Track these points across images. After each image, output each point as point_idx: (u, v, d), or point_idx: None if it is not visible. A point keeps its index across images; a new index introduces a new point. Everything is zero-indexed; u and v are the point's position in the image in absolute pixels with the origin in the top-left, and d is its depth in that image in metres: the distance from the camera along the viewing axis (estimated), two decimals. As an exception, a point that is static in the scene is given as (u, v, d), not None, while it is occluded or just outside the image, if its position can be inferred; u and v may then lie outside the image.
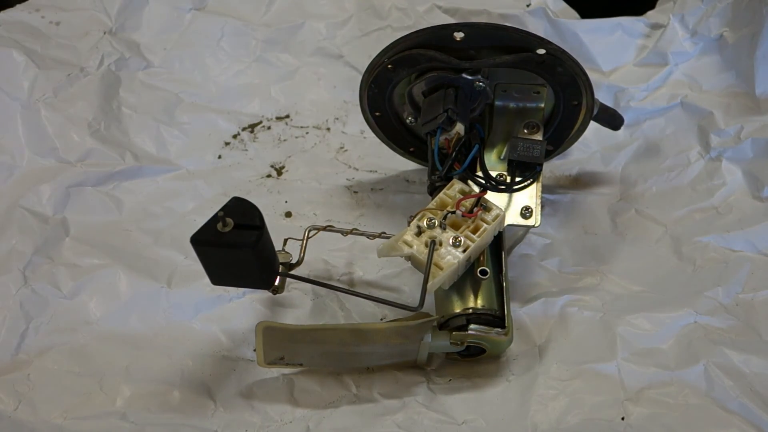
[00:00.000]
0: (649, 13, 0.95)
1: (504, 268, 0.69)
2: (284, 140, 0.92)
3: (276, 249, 0.71)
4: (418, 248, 0.64)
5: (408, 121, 0.77)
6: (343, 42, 0.97)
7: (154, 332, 0.73)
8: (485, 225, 0.65)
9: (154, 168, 0.86)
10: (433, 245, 0.63)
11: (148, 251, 0.79)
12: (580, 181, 0.86)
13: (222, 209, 0.60)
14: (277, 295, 0.71)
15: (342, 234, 0.73)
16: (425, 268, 0.63)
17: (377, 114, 0.78)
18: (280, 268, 0.66)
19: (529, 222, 0.70)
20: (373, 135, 0.81)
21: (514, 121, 0.74)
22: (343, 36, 0.98)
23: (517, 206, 0.71)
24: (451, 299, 0.67)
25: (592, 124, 0.78)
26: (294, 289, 0.76)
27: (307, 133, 0.93)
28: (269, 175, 0.88)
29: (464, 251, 0.64)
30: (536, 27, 0.92)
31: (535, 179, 0.71)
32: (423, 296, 0.63)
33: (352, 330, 0.65)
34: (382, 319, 0.74)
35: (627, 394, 0.64)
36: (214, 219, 0.60)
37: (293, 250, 0.72)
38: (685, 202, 0.80)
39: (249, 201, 0.61)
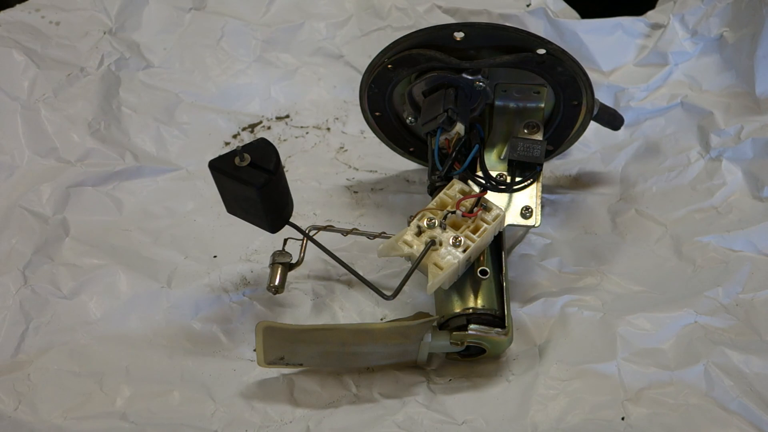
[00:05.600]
0: (649, 13, 0.95)
1: (504, 268, 0.69)
2: (284, 140, 0.92)
3: (276, 249, 0.72)
4: (418, 248, 0.64)
5: (408, 121, 0.77)
6: (343, 42, 0.97)
7: (154, 332, 0.73)
8: (485, 225, 0.65)
9: (154, 168, 0.86)
10: (430, 244, 0.63)
11: (148, 251, 0.79)
12: (580, 181, 0.86)
13: (245, 145, 0.63)
14: (277, 295, 0.71)
15: (342, 234, 0.74)
16: (415, 262, 0.63)
17: (377, 114, 0.78)
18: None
19: (529, 222, 0.71)
20: (373, 135, 0.81)
21: (514, 121, 0.74)
22: (343, 36, 0.98)
23: (517, 206, 0.71)
24: (451, 299, 0.67)
25: (592, 124, 0.78)
26: (294, 289, 0.76)
27: (307, 133, 0.93)
28: (269, 175, 0.88)
29: (464, 251, 0.64)
30: (536, 27, 0.92)
31: (535, 179, 0.71)
32: (400, 286, 0.64)
33: (352, 330, 0.65)
34: (382, 319, 0.74)
35: (627, 394, 0.64)
36: (234, 152, 0.62)
37: (293, 250, 0.72)
38: (685, 202, 0.80)
39: (273, 145, 0.63)
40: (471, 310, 0.66)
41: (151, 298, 0.75)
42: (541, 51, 0.68)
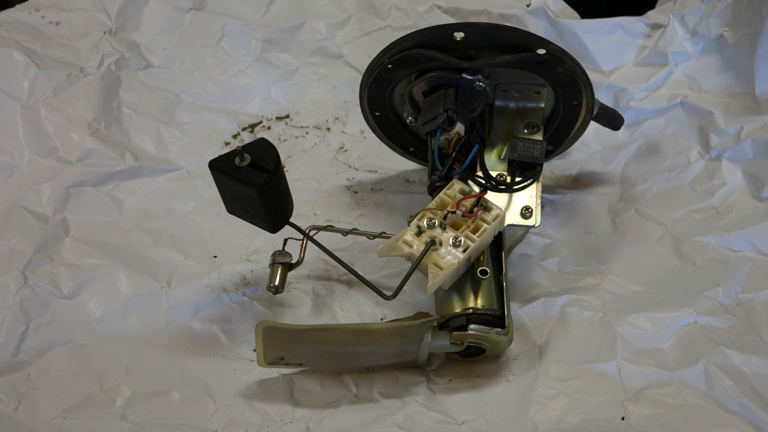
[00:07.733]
0: (649, 13, 0.95)
1: (504, 268, 0.69)
2: (284, 140, 0.92)
3: (276, 249, 0.72)
4: (418, 248, 0.64)
5: (408, 121, 0.77)
6: (343, 42, 0.97)
7: (154, 332, 0.73)
8: (485, 225, 0.65)
9: (154, 168, 0.86)
10: (430, 244, 0.63)
11: (148, 251, 0.79)
12: (580, 181, 0.85)
13: (245, 145, 0.63)
14: (277, 295, 0.71)
15: (342, 234, 0.74)
16: (415, 262, 0.63)
17: (377, 114, 0.78)
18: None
19: (529, 222, 0.71)
20: (373, 135, 0.81)
21: (514, 121, 0.74)
22: (343, 36, 0.98)
23: (517, 206, 0.71)
24: (451, 299, 0.67)
25: (592, 124, 0.78)
26: (294, 289, 0.76)
27: (307, 133, 0.93)
28: (269, 175, 0.88)
29: (464, 251, 0.64)
30: (536, 27, 0.92)
31: (535, 179, 0.71)
32: (400, 286, 0.64)
33: (352, 330, 0.65)
34: (382, 319, 0.74)
35: (627, 394, 0.64)
36: (234, 152, 0.62)
37: (293, 250, 0.72)
38: (685, 202, 0.80)
39: (273, 145, 0.64)
40: (471, 310, 0.66)
41: (151, 298, 0.75)
42: (541, 51, 0.68)
